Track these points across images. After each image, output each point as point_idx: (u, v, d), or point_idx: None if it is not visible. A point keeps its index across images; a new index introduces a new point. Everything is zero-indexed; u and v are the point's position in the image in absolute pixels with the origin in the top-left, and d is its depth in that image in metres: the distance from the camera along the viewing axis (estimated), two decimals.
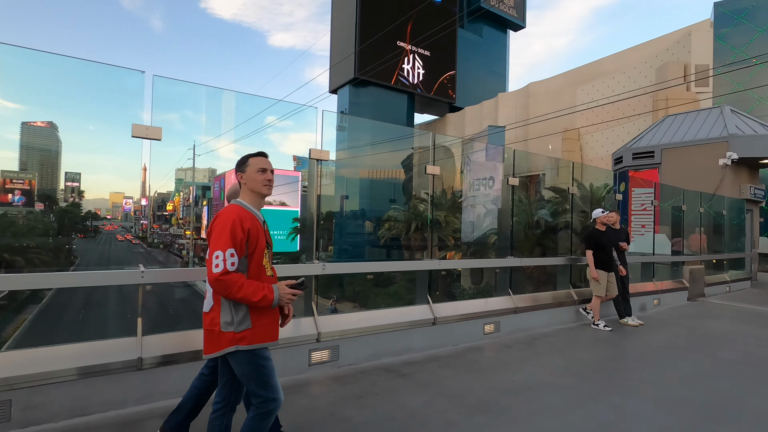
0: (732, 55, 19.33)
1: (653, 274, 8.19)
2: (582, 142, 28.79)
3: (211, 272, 1.83)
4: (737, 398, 3.49)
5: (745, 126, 11.85)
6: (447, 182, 30.56)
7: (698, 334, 5.83)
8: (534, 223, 15.95)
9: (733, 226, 11.48)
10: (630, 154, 13.62)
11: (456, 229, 21.18)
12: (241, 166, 2.09)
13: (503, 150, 26.19)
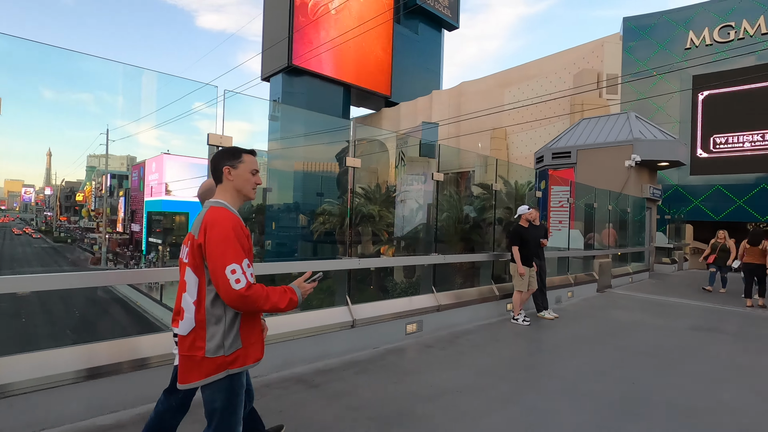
0: (637, 67, 21.28)
1: (568, 267, 8.64)
2: (509, 141, 30.25)
3: (231, 290, 1.58)
4: (643, 390, 3.62)
5: (647, 131, 13.03)
6: (381, 176, 30.60)
7: (606, 325, 6.17)
8: (463, 218, 16.31)
9: (635, 223, 12.60)
10: (550, 154, 14.40)
11: (390, 224, 21.19)
12: (233, 160, 1.79)
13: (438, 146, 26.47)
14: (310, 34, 35.21)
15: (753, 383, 3.93)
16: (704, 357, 4.73)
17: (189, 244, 1.72)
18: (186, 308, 1.70)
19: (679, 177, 20.01)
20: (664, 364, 4.39)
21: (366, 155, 31.42)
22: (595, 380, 3.82)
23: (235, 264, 1.60)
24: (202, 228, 1.66)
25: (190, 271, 1.69)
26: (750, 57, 18.60)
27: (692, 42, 19.91)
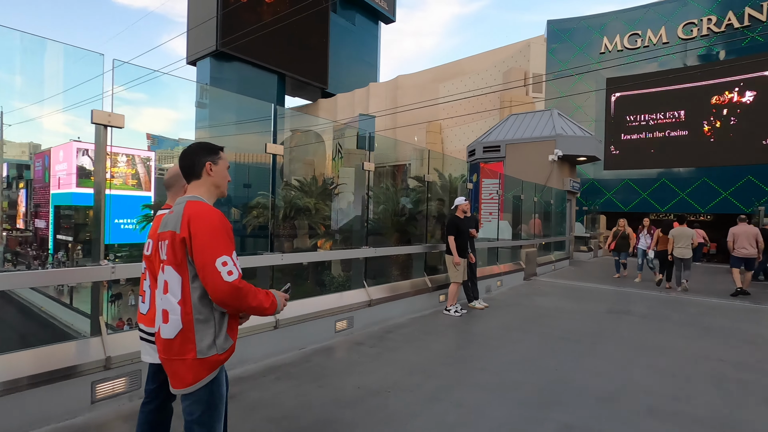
0: (559, 67, 22.68)
1: (497, 257, 8.92)
2: (443, 135, 30.98)
3: (222, 282, 1.52)
4: (566, 376, 3.72)
5: (568, 128, 13.89)
6: (318, 168, 29.94)
7: (532, 312, 6.41)
8: (400, 210, 16.40)
9: (557, 214, 13.42)
10: (481, 148, 14.86)
11: (327, 217, 20.77)
12: (213, 156, 1.76)
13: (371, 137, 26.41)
14: (241, 16, 33.29)
15: (659, 362, 4.22)
16: (618, 339, 5.04)
17: (169, 241, 1.61)
18: (170, 309, 1.60)
19: (594, 171, 21.73)
20: (583, 348, 4.60)
21: (302, 146, 30.54)
22: (522, 369, 3.87)
23: (226, 256, 1.55)
24: (184, 222, 1.57)
25: (172, 270, 1.60)
26: (653, 63, 20.59)
27: (606, 47, 21.59)
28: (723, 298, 8.17)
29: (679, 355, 4.46)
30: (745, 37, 18.26)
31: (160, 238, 1.67)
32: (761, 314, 6.83)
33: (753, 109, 18.09)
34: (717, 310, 7.07)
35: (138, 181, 33.92)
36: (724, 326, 5.89)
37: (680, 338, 5.17)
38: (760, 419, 3.00)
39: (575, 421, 2.89)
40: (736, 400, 3.33)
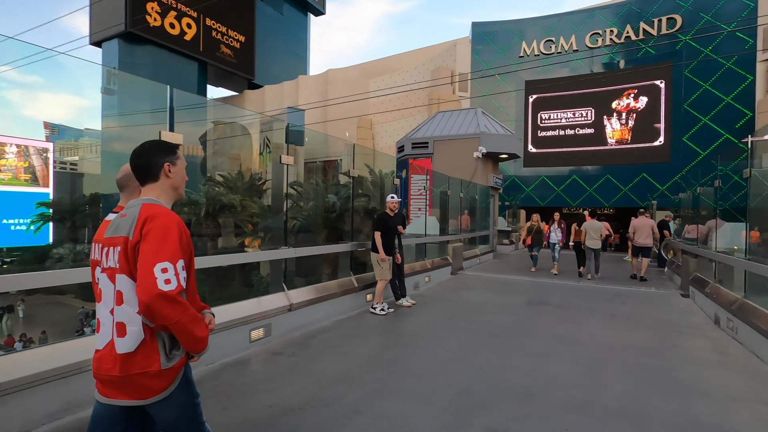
0: (483, 68, 23.65)
1: (425, 253, 8.94)
2: (374, 131, 30.98)
3: (154, 287, 1.35)
4: (490, 375, 3.68)
5: (492, 126, 14.45)
6: (245, 163, 28.40)
7: (458, 308, 6.45)
8: (330, 207, 16.05)
9: (482, 209, 13.92)
10: (410, 144, 14.95)
11: (254, 214, 19.73)
12: (171, 156, 1.64)
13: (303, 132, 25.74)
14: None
15: (575, 353, 4.37)
16: (537, 331, 5.19)
17: (121, 247, 1.49)
18: (128, 321, 1.47)
19: (515, 168, 23.02)
20: (507, 343, 4.65)
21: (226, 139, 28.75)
22: (447, 370, 3.78)
23: (169, 263, 1.42)
24: (138, 225, 1.47)
25: (126, 279, 1.49)
26: (565, 69, 22.23)
27: (525, 51, 22.89)
28: (625, 285, 8.94)
29: (593, 344, 4.68)
30: (640, 48, 20.36)
31: (109, 243, 1.53)
32: (657, 300, 7.53)
33: (646, 114, 20.26)
34: (621, 297, 7.68)
35: (33, 176, 29.78)
36: (628, 313, 6.37)
37: (592, 327, 5.47)
38: (666, 405, 3.16)
39: (498, 423, 2.81)
40: (644, 387, 3.50)
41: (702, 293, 6.62)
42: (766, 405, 3.19)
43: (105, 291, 1.52)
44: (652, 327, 5.50)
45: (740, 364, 4.12)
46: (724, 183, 7.06)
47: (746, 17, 17.76)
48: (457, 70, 24.48)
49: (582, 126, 21.87)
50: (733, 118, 17.98)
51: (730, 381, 3.67)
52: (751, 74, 17.65)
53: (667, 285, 9.18)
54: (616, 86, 20.91)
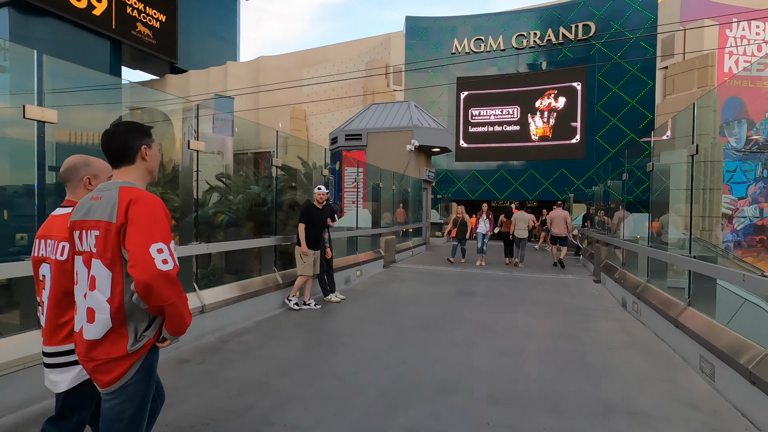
0: (416, 63, 23.89)
1: (356, 246, 8.75)
2: (308, 122, 30.17)
3: (154, 267, 1.36)
4: (413, 370, 3.56)
5: (424, 120, 14.58)
6: (166, 153, 26.26)
7: (387, 301, 6.33)
8: (261, 200, 15.42)
9: (415, 201, 14.04)
10: (343, 135, 14.64)
11: (175, 208, 18.22)
12: (148, 138, 1.61)
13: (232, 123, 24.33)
14: None
15: (497, 343, 4.42)
16: (463, 322, 5.22)
17: (101, 231, 1.44)
18: (98, 308, 1.44)
19: (447, 162, 23.62)
20: (431, 335, 4.59)
21: None
22: (369, 369, 3.61)
23: (163, 243, 1.41)
24: (121, 208, 1.42)
25: (101, 265, 1.44)
26: (493, 67, 23.15)
27: (456, 48, 23.47)
28: (547, 273, 9.45)
29: (515, 332, 4.78)
30: (560, 51, 21.75)
31: (83, 226, 1.50)
32: (573, 286, 8.01)
33: (564, 113, 21.75)
34: (542, 284, 8.07)
35: None
36: (548, 299, 6.68)
37: (515, 315, 5.63)
38: (581, 389, 3.24)
39: (419, 422, 2.68)
40: (561, 372, 3.59)
41: (611, 278, 7.13)
42: (666, 382, 3.40)
43: (80, 274, 1.50)
44: (569, 312, 5.78)
45: (644, 343, 4.42)
46: (630, 178, 7.66)
47: (648, 28, 19.65)
48: (392, 63, 24.50)
49: (509, 123, 22.95)
50: (637, 119, 19.87)
51: (636, 361, 3.89)
52: (651, 80, 19.59)
53: (581, 272, 9.85)
54: (538, 86, 22.17)
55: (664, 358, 3.98)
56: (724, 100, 18.42)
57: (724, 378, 3.11)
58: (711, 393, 3.17)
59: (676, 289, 5.02)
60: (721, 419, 2.77)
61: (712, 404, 2.98)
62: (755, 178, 18.77)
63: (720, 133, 18.48)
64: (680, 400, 3.05)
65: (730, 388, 3.01)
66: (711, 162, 17.08)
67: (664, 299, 4.73)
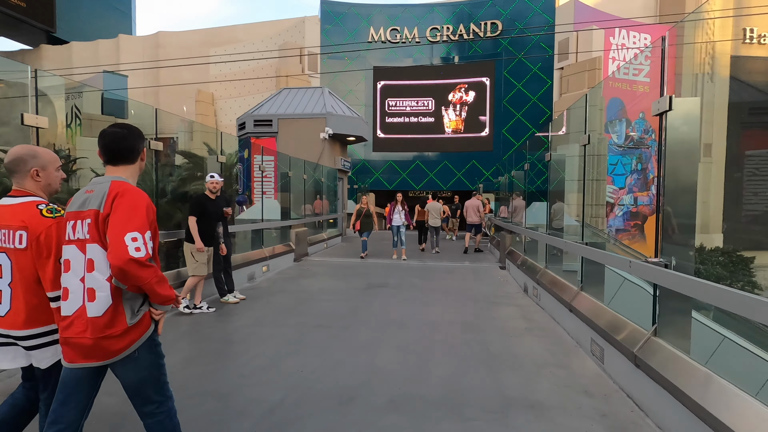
0: (333, 49, 23.22)
1: (262, 240, 8.12)
2: (217, 107, 27.97)
3: (125, 253, 1.50)
4: (309, 379, 3.20)
5: (338, 107, 14.13)
6: (48, 138, 22.58)
7: (293, 299, 5.88)
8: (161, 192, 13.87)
9: (330, 192, 13.60)
10: (252, 121, 13.64)
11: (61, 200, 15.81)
12: (145, 141, 1.85)
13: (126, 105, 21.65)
14: None
15: (403, 338, 4.24)
16: (371, 317, 4.98)
17: (92, 220, 1.61)
18: (98, 287, 1.59)
19: (365, 152, 23.44)
20: (335, 336, 4.27)
21: (14, 106, 22.37)
22: (260, 381, 3.17)
23: (138, 233, 1.56)
24: (108, 199, 1.60)
25: (98, 248, 1.60)
26: (409, 58, 23.36)
27: (373, 36, 23.23)
28: (458, 261, 9.67)
29: (422, 326, 4.64)
30: (471, 47, 22.59)
31: (77, 217, 1.64)
32: (481, 273, 8.25)
33: (475, 107, 22.73)
34: (453, 273, 8.19)
35: None
36: (457, 288, 6.74)
37: (424, 306, 5.53)
38: (483, 384, 3.14)
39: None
40: (465, 366, 3.48)
41: (515, 265, 7.44)
42: (562, 368, 3.45)
43: (74, 261, 1.62)
44: (477, 300, 5.85)
45: (543, 329, 4.55)
46: (532, 169, 8.05)
47: (547, 30, 21.20)
48: (306, 48, 23.54)
49: (424, 114, 23.40)
50: (537, 115, 21.43)
51: (536, 347, 3.95)
52: (550, 79, 21.22)
53: (490, 259, 10.27)
54: (451, 80, 22.86)
55: (560, 342, 4.11)
56: (608, 101, 20.63)
57: (612, 361, 3.22)
58: (601, 377, 3.27)
59: (571, 273, 5.29)
60: (610, 403, 2.83)
61: (602, 388, 3.06)
62: (631, 170, 21.40)
63: (605, 130, 20.72)
64: (574, 386, 3.09)
65: (618, 371, 3.11)
66: (597, 156, 19.07)
67: (559, 284, 4.93)
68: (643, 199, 22.04)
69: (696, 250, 4.12)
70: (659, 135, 2.74)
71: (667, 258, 2.67)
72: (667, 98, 2.56)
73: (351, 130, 13.97)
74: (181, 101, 28.80)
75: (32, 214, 1.76)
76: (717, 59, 21.98)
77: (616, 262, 3.39)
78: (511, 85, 21.89)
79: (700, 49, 21.12)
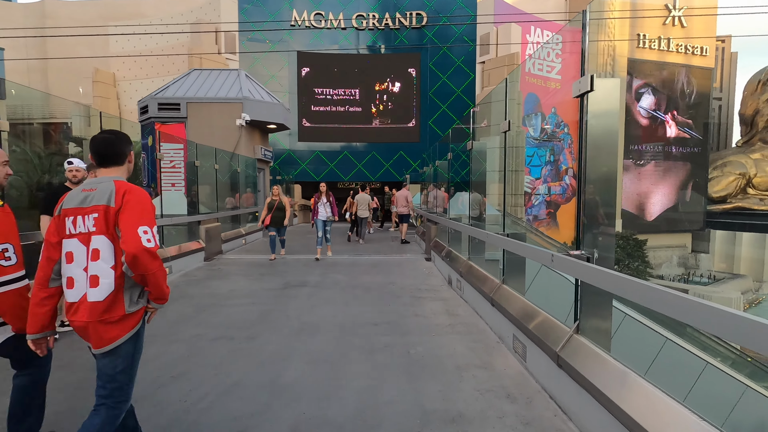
0: (252, 31, 21.73)
1: (162, 239, 7.15)
2: (119, 88, 24.98)
3: (140, 243, 1.68)
4: (196, 407, 2.62)
5: (256, 92, 13.11)
6: None
7: (194, 306, 5.15)
8: (46, 184, 12.02)
9: (249, 184, 12.62)
10: (155, 104, 12.17)
11: None
12: (131, 146, 2.02)
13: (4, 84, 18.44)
14: None
15: (317, 346, 3.79)
16: (283, 322, 4.46)
17: (100, 214, 1.75)
18: (102, 274, 1.74)
19: (290, 142, 22.39)
20: (237, 349, 3.70)
21: None
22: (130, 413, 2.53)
23: (148, 227, 1.73)
24: (118, 196, 1.76)
25: (104, 239, 1.75)
26: (335, 45, 22.62)
27: (296, 20, 22.10)
28: (383, 254, 9.40)
29: (339, 329, 4.23)
30: (397, 37, 22.42)
31: (81, 212, 1.77)
32: (407, 266, 8.04)
33: (401, 98, 22.69)
34: (377, 267, 7.88)
35: None
36: (380, 283, 6.42)
37: (344, 306, 5.12)
38: (401, 397, 2.81)
39: None
40: (383, 376, 3.13)
41: (439, 256, 7.31)
42: (484, 369, 3.24)
43: (76, 253, 1.75)
44: (399, 296, 5.57)
45: (466, 324, 4.37)
46: (456, 160, 7.95)
47: (470, 24, 21.67)
48: (223, 27, 21.75)
49: (351, 104, 22.86)
50: (461, 108, 21.91)
51: (458, 346, 3.73)
52: (473, 72, 21.78)
53: (416, 250, 10.15)
54: (378, 69, 22.55)
55: (483, 339, 3.93)
56: (525, 95, 21.68)
57: (534, 360, 3.06)
58: (524, 376, 3.10)
59: (494, 263, 5.21)
60: (533, 408, 2.64)
61: (525, 390, 2.87)
62: (546, 161, 22.79)
63: (522, 123, 21.79)
64: (497, 390, 2.87)
65: (540, 371, 2.96)
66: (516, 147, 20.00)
67: (481, 276, 4.80)
68: (555, 189, 23.65)
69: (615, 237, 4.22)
70: (579, 118, 2.56)
71: (589, 250, 2.51)
72: (588, 77, 2.37)
73: (271, 117, 13.05)
74: (76, 81, 25.40)
75: None
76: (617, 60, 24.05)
77: (537, 256, 3.22)
78: (436, 77, 22.12)
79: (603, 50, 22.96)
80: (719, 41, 27.29)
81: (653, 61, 25.62)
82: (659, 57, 25.65)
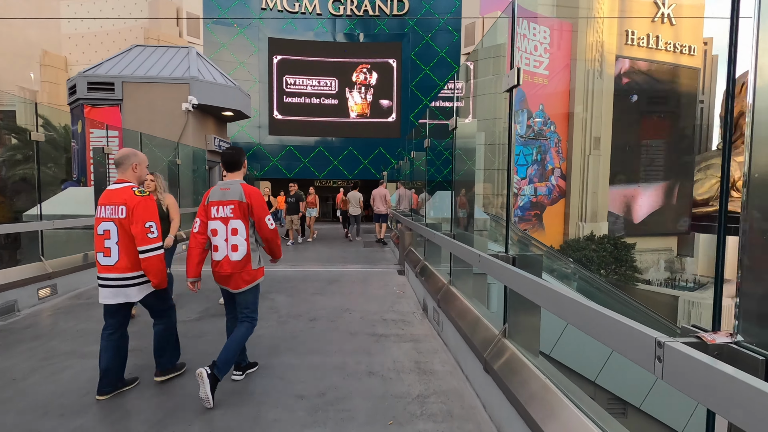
0: (219, 13, 19.86)
1: (42, 249, 5.41)
2: (71, 73, 22.72)
3: (269, 229, 2.81)
4: None
5: (207, 72, 11.34)
6: None
7: (72, 341, 3.47)
8: None
9: (197, 179, 10.84)
10: (85, 83, 10.31)
11: None
12: (244, 157, 3.00)
13: None
14: None
15: None
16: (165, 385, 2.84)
17: (235, 206, 2.72)
18: (239, 244, 2.73)
19: (260, 135, 20.60)
20: None
21: None
22: None
23: (269, 216, 2.82)
24: (246, 194, 2.74)
25: (240, 222, 2.73)
26: (310, 32, 20.92)
27: (267, 4, 20.33)
28: (350, 264, 7.82)
29: (244, 412, 2.64)
30: (377, 25, 20.87)
31: (221, 203, 2.74)
32: (374, 281, 6.49)
33: (380, 90, 21.15)
34: (339, 282, 6.29)
35: None
36: (336, 308, 4.83)
37: (270, 356, 3.53)
38: None
39: None
40: None
41: (413, 272, 5.78)
42: None
43: (219, 230, 2.73)
44: (356, 334, 4.00)
45: (444, 395, 2.83)
46: (438, 158, 6.66)
47: (454, 13, 20.28)
48: (185, 9, 19.82)
49: (327, 96, 21.23)
50: None
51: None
52: (457, 64, 20.38)
53: (389, 258, 8.62)
54: (355, 59, 20.96)
55: (473, 430, 2.40)
56: None
57: None
58: None
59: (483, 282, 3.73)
60: None
61: None
62: (532, 161, 21.58)
63: None
64: None
65: None
66: (500, 145, 18.70)
67: (470, 318, 3.27)
68: (542, 190, 22.49)
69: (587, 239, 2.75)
70: None
71: None
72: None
73: (225, 101, 11.30)
74: (23, 64, 23.14)
75: (129, 195, 2.62)
76: (605, 57, 22.93)
77: (465, 255, 1.80)
78: (418, 69, 20.67)
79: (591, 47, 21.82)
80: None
81: (642, 59, 24.60)
82: (648, 55, 24.83)
